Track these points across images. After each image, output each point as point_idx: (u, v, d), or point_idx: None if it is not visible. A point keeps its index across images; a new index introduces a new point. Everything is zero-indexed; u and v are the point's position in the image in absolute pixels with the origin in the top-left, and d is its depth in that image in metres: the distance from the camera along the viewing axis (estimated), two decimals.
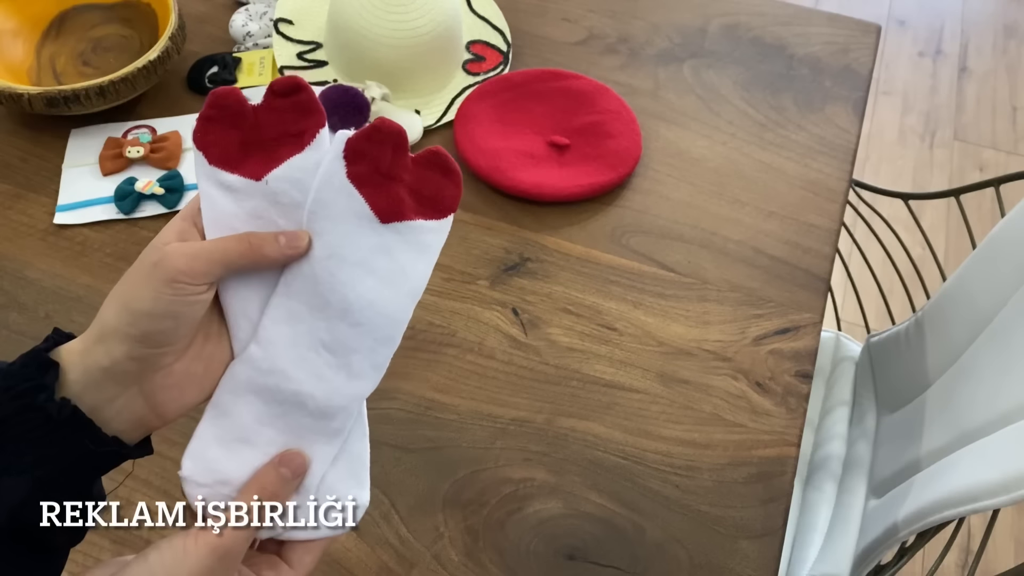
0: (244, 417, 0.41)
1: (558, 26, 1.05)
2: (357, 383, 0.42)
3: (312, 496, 0.42)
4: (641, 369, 0.76)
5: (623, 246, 0.85)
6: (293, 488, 0.41)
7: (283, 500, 0.41)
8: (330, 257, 0.40)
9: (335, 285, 0.40)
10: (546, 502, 0.69)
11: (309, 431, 0.41)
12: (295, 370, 0.40)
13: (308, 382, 0.41)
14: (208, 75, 0.97)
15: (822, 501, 0.94)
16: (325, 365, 0.41)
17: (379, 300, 0.41)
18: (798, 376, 0.76)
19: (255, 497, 0.40)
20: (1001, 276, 0.82)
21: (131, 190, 0.85)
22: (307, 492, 0.42)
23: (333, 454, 0.42)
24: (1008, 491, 0.62)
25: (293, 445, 0.41)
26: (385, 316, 0.42)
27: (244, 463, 0.41)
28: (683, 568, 0.66)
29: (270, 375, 0.40)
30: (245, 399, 0.41)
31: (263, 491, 0.40)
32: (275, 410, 0.41)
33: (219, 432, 0.41)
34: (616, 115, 0.93)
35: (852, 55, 1.03)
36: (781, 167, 0.92)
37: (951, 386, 0.86)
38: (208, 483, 0.41)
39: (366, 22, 0.89)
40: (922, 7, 2.35)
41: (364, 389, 0.42)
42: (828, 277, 0.83)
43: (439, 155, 0.42)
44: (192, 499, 0.41)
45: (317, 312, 0.41)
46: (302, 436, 0.41)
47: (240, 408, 0.41)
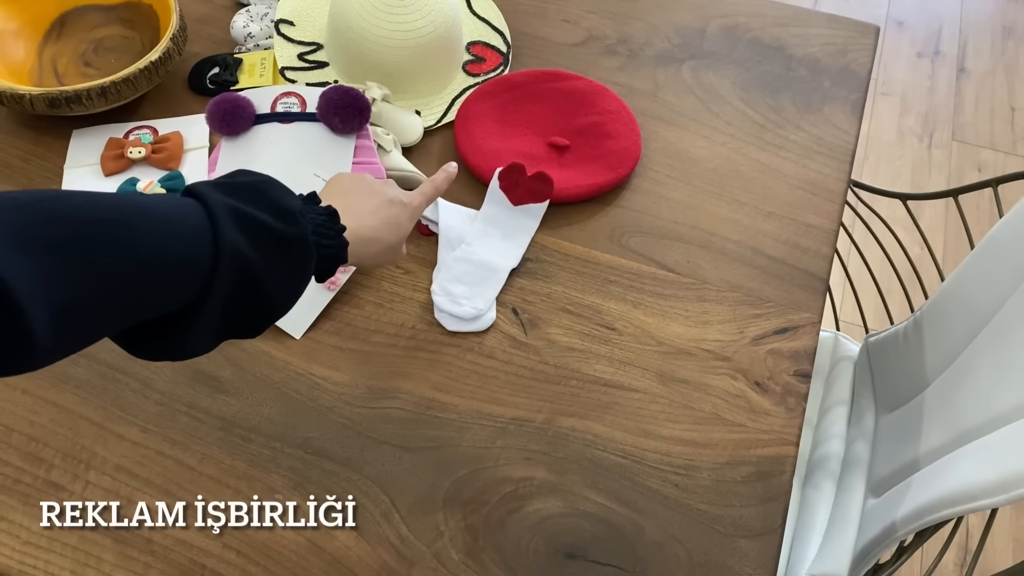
0: (456, 269, 0.82)
1: (558, 27, 1.06)
2: (507, 260, 0.83)
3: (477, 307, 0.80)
4: (640, 369, 0.77)
5: (622, 246, 0.85)
6: (447, 182, 0.72)
7: (442, 188, 0.72)
8: (492, 219, 0.86)
9: (497, 226, 0.86)
10: (546, 501, 0.69)
11: (484, 279, 0.81)
12: (484, 252, 0.83)
13: (488, 255, 0.83)
14: (209, 76, 0.97)
15: (821, 500, 0.95)
16: (495, 250, 0.83)
17: (508, 246, 0.85)
18: (797, 376, 0.77)
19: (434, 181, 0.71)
20: (999, 276, 0.82)
21: (133, 190, 0.86)
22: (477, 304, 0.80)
23: (492, 295, 0.81)
24: (1006, 490, 0.63)
25: (478, 287, 0.80)
26: (521, 232, 0.86)
27: (461, 288, 0.80)
28: (682, 567, 0.66)
29: (473, 254, 0.83)
30: (460, 264, 0.82)
31: (436, 182, 0.71)
32: (472, 267, 0.82)
33: (445, 275, 0.81)
34: (615, 116, 0.93)
35: (851, 56, 1.04)
36: (780, 167, 0.92)
37: (949, 386, 0.87)
38: (440, 292, 0.80)
39: (367, 23, 0.90)
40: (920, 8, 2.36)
41: (510, 263, 0.83)
42: (827, 277, 0.84)
43: (540, 173, 0.85)
44: (436, 306, 0.79)
45: (492, 230, 0.85)
46: (483, 280, 0.81)
47: (456, 267, 0.82)
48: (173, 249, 0.45)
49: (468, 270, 0.81)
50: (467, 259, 0.82)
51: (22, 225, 0.39)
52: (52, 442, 0.72)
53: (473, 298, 0.79)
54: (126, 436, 0.72)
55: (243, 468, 0.70)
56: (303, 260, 0.52)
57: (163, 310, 0.46)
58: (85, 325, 0.42)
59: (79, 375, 0.75)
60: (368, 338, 0.78)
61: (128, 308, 0.44)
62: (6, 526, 0.67)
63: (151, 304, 0.45)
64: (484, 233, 0.84)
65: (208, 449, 0.71)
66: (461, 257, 0.82)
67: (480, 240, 0.84)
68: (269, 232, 0.49)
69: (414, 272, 0.83)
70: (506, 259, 0.83)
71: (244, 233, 0.48)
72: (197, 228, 0.46)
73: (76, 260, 0.40)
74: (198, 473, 0.70)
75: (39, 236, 0.39)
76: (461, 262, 0.82)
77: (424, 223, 0.85)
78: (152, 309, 0.45)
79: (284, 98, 0.89)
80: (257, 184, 0.52)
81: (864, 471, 0.95)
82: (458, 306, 0.79)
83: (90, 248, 0.41)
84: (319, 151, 0.86)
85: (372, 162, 0.85)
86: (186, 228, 0.46)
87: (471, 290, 0.80)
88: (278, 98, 0.89)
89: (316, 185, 0.83)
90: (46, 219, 0.40)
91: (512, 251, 0.84)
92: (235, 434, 0.72)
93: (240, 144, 0.87)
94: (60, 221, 0.41)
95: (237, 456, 0.71)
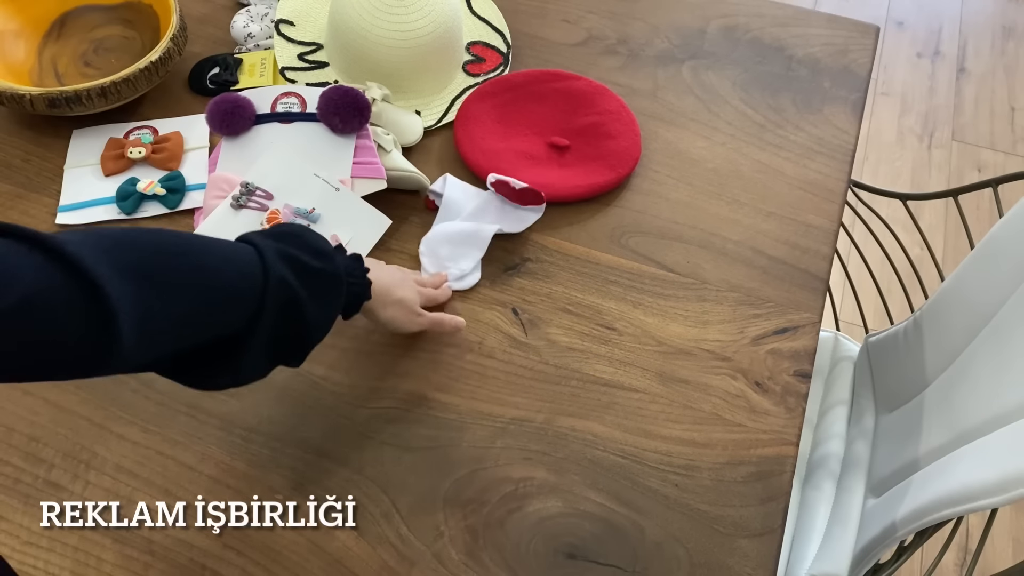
0: (445, 231, 0.84)
1: (558, 27, 1.06)
2: (490, 228, 0.83)
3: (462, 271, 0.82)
4: (640, 369, 0.77)
5: (623, 246, 0.85)
6: (453, 326, 0.77)
7: (447, 327, 0.77)
8: (492, 199, 0.87)
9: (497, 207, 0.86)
10: (546, 501, 0.69)
11: (470, 239, 0.83)
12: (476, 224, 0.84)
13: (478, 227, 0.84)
14: (209, 76, 0.97)
15: (821, 500, 0.95)
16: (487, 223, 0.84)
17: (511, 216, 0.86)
18: (797, 376, 0.77)
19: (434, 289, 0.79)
20: (999, 276, 0.82)
21: (133, 191, 0.86)
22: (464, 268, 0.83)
23: (478, 256, 0.83)
24: (1006, 490, 0.63)
25: (463, 247, 0.83)
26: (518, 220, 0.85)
27: (447, 248, 0.83)
28: (682, 566, 0.66)
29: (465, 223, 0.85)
30: (449, 227, 0.84)
31: (435, 291, 0.79)
32: (460, 230, 0.84)
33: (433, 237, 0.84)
34: (616, 116, 0.93)
35: (851, 56, 1.04)
36: (780, 168, 0.92)
37: (949, 386, 0.87)
38: (427, 252, 0.83)
39: (367, 23, 0.90)
40: (920, 8, 2.36)
41: (496, 228, 0.83)
42: (827, 277, 0.84)
43: (528, 189, 0.84)
44: (423, 267, 0.82)
45: (490, 208, 0.86)
46: (468, 240, 0.83)
47: (446, 230, 0.84)
48: (232, 278, 0.54)
49: (455, 231, 0.84)
50: (458, 225, 0.85)
51: (116, 252, 0.47)
52: (52, 442, 0.72)
53: (458, 259, 0.82)
54: (126, 436, 0.72)
55: (243, 468, 0.70)
56: (335, 293, 0.61)
57: (221, 331, 0.54)
58: (159, 338, 0.50)
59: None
60: (368, 338, 0.78)
61: (194, 327, 0.52)
62: (6, 526, 0.67)
63: (213, 324, 0.53)
64: (484, 209, 0.85)
65: (208, 449, 0.71)
66: (453, 224, 0.85)
67: (478, 215, 0.85)
68: (308, 268, 0.58)
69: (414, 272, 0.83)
70: (496, 226, 0.84)
71: (288, 268, 0.57)
72: (250, 263, 0.55)
73: (157, 283, 0.49)
74: (198, 473, 0.70)
75: (129, 261, 0.48)
76: (451, 226, 0.84)
77: (431, 198, 0.87)
78: (213, 329, 0.54)
79: (284, 98, 0.89)
80: (296, 231, 0.62)
81: (864, 471, 0.95)
82: (444, 267, 0.81)
83: (168, 273, 0.50)
84: (319, 151, 0.86)
85: (372, 162, 0.85)
86: (242, 263, 0.55)
87: (456, 250, 0.82)
88: (278, 98, 0.89)
89: (316, 185, 0.84)
90: (133, 247, 0.49)
91: (505, 223, 0.85)
92: (235, 434, 0.72)
93: (240, 144, 0.87)
94: (145, 250, 0.50)
95: (237, 456, 0.71)
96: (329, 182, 0.83)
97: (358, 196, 0.83)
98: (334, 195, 0.83)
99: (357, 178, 0.84)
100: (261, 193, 0.84)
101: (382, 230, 0.83)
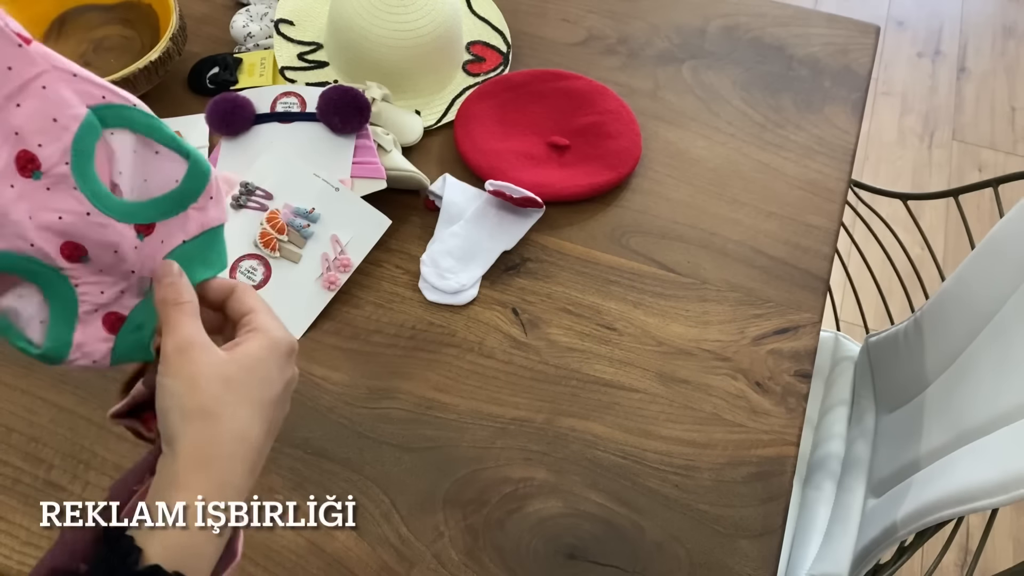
0: (449, 243, 0.83)
1: (558, 27, 1.05)
2: (500, 243, 0.84)
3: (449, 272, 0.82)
4: (641, 369, 0.77)
5: (623, 246, 0.85)
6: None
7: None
8: (493, 202, 0.86)
9: (497, 210, 0.86)
10: (546, 501, 0.69)
11: (474, 255, 0.83)
12: (478, 231, 0.84)
13: (482, 234, 0.84)
14: (209, 76, 0.97)
15: (821, 500, 0.95)
16: (490, 231, 0.84)
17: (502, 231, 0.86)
18: (797, 376, 0.77)
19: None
20: (1000, 276, 0.82)
21: None
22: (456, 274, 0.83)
23: (478, 274, 0.82)
24: (1007, 491, 0.63)
25: (466, 262, 0.82)
26: (518, 223, 0.86)
27: (449, 262, 0.82)
28: (682, 567, 0.66)
29: (469, 232, 0.84)
30: (453, 239, 0.83)
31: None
32: (464, 243, 0.84)
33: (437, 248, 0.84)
34: (616, 115, 0.93)
35: (851, 56, 1.04)
36: (780, 167, 0.92)
37: (950, 386, 0.87)
38: (428, 263, 0.82)
39: (367, 23, 0.89)
40: (921, 8, 2.36)
41: (503, 245, 0.84)
42: (827, 277, 0.84)
43: (528, 197, 0.83)
44: (423, 276, 0.82)
45: (491, 211, 0.86)
46: (472, 257, 0.83)
47: (449, 241, 0.83)
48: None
49: (459, 244, 0.83)
50: (461, 235, 0.84)
51: None
52: (52, 442, 0.72)
53: (458, 273, 0.81)
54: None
55: None
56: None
57: None
58: None
59: (79, 375, 0.75)
60: (368, 338, 0.78)
61: None
62: (6, 526, 0.67)
63: None
64: (483, 213, 0.85)
65: None
66: (456, 232, 0.84)
67: (478, 219, 0.84)
68: None
69: (414, 272, 0.82)
70: (499, 242, 0.84)
71: None
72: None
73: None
74: None
75: None
76: (455, 237, 0.83)
77: (431, 199, 0.86)
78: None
79: (284, 98, 0.89)
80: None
81: (864, 471, 0.95)
82: (443, 279, 0.81)
83: None
84: (319, 151, 0.86)
85: (372, 162, 0.85)
86: None
87: (458, 264, 0.82)
88: (278, 98, 0.88)
89: (316, 185, 0.83)
90: None
91: (507, 235, 0.84)
92: None
93: (240, 144, 0.87)
94: None
95: None
96: (329, 182, 0.83)
97: (358, 196, 0.83)
98: (334, 195, 0.83)
99: (357, 178, 0.84)
100: (261, 193, 0.83)
101: (382, 230, 0.83)
